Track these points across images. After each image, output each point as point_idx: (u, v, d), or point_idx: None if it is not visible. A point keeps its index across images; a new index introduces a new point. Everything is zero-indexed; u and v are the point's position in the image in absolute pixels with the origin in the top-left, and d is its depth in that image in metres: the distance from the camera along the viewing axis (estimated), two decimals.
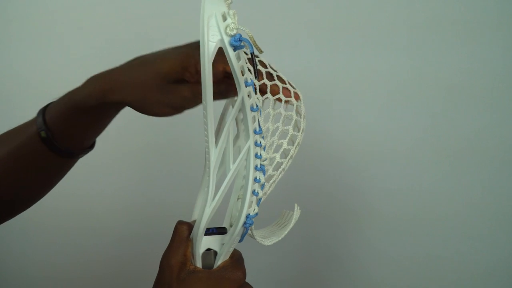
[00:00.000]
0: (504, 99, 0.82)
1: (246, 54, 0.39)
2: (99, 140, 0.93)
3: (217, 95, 0.39)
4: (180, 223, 0.43)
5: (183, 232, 0.42)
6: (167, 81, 0.40)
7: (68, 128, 0.45)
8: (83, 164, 0.88)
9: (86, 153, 0.50)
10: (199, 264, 0.42)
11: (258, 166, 0.42)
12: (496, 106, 0.82)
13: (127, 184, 0.90)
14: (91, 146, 0.50)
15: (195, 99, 0.41)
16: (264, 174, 0.42)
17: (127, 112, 0.84)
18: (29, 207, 0.53)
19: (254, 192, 0.42)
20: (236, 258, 0.43)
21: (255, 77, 0.38)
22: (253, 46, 0.36)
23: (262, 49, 0.38)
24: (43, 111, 0.46)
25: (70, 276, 0.94)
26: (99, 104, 0.42)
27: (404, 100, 0.82)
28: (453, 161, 0.81)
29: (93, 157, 0.92)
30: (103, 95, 0.41)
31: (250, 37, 0.36)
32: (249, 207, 0.41)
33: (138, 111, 0.43)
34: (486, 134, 0.81)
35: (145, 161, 0.89)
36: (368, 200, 0.83)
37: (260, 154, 0.42)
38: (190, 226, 0.43)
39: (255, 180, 0.42)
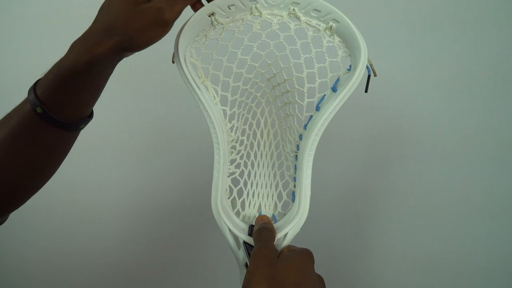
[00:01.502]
0: None
1: None
2: (100, 141, 0.88)
3: None
4: (264, 221, 0.50)
5: (270, 227, 0.48)
6: (135, 3, 0.42)
7: (63, 98, 0.44)
8: (83, 166, 0.87)
9: (87, 123, 0.49)
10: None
11: None
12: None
13: (127, 186, 0.90)
14: (90, 115, 0.49)
15: (173, 7, 0.42)
16: None
17: (131, 117, 0.86)
18: (40, 188, 0.51)
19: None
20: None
21: (365, 91, 0.48)
22: (372, 70, 0.47)
23: None
24: (34, 88, 0.44)
25: (69, 279, 0.95)
26: (88, 65, 0.41)
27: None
28: (453, 159, 0.80)
29: (94, 158, 0.88)
30: (89, 52, 0.41)
31: (369, 62, 0.46)
32: None
33: (131, 50, 0.43)
34: (484, 131, 0.78)
35: (147, 163, 0.89)
36: (368, 199, 0.85)
37: None
38: (272, 228, 0.49)
39: None
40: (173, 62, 0.50)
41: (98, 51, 0.41)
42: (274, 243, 0.48)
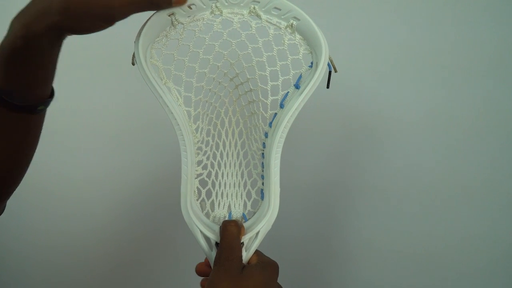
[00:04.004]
0: None
1: None
2: (99, 140, 0.91)
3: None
4: (228, 222, 0.47)
5: (233, 228, 0.46)
6: None
7: (11, 78, 0.43)
8: (83, 166, 0.90)
9: (46, 104, 0.48)
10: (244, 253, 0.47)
11: None
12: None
13: (125, 184, 0.91)
14: (51, 96, 0.48)
15: (124, 9, 0.41)
16: None
17: (123, 118, 0.87)
18: (23, 174, 0.52)
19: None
20: (258, 251, 0.50)
21: (327, 87, 0.50)
22: (332, 66, 0.48)
23: None
24: None
25: (68, 278, 0.96)
26: (25, 40, 0.40)
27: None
28: (452, 159, 0.81)
29: (92, 158, 0.89)
30: (25, 27, 0.40)
31: (330, 59, 0.47)
32: None
33: (68, 31, 0.42)
34: (487, 128, 0.79)
35: (143, 162, 0.90)
36: (368, 198, 0.85)
37: None
38: (237, 223, 0.47)
39: None
40: (133, 64, 0.49)
41: (34, 27, 0.39)
42: (246, 242, 0.48)
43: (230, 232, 0.46)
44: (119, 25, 0.43)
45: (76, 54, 0.76)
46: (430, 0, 0.76)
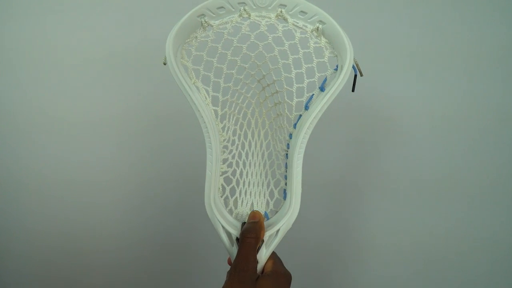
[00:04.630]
0: None
1: None
2: (99, 140, 0.91)
3: None
4: (248, 232, 0.48)
5: (252, 240, 0.47)
6: None
7: None
8: (83, 168, 0.89)
9: None
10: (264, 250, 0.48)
11: None
12: None
13: (125, 186, 0.92)
14: None
15: None
16: None
17: (130, 119, 0.87)
18: None
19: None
20: (276, 255, 0.50)
21: (352, 90, 0.50)
22: (358, 70, 0.49)
23: None
24: None
25: (68, 278, 0.97)
26: None
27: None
28: (453, 160, 0.82)
29: (93, 160, 0.89)
30: None
31: (355, 62, 0.48)
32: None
33: None
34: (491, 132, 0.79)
35: (143, 164, 0.90)
36: (369, 199, 0.86)
37: None
38: (257, 233, 0.48)
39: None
40: (164, 64, 0.51)
41: None
42: (266, 239, 0.49)
43: (248, 243, 0.47)
44: (122, 27, 0.44)
45: (77, 55, 0.78)
46: (440, 3, 0.77)
